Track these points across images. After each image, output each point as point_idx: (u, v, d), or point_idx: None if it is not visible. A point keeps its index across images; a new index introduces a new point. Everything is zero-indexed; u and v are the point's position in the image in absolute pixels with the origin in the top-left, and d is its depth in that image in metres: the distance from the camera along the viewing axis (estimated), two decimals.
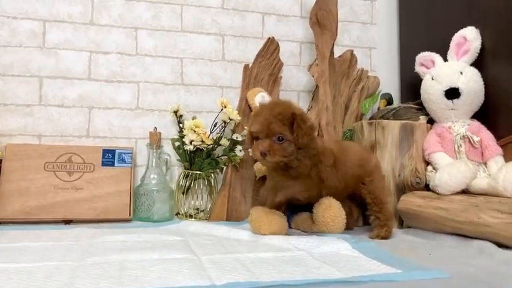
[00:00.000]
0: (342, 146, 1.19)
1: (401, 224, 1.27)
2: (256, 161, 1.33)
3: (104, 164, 1.34)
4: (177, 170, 1.46)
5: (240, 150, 1.35)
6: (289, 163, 1.03)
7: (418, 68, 1.38)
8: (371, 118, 1.44)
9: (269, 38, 1.51)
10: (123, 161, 1.36)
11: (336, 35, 1.45)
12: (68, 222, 1.25)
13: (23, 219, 1.22)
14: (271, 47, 1.50)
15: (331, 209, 1.12)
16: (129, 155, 1.37)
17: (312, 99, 1.52)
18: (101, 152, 1.35)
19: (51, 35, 1.39)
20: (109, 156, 1.35)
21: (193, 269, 0.77)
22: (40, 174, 1.29)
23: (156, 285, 0.68)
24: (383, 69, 1.65)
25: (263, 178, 1.30)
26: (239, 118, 1.38)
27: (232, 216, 1.35)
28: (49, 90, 1.38)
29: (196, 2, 1.50)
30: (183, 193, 1.38)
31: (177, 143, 1.40)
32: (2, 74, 1.35)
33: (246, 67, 1.49)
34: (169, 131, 1.45)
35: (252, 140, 1.05)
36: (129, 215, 1.31)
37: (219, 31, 1.52)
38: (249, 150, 1.09)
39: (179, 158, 1.41)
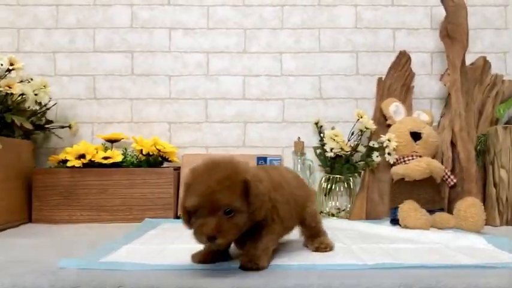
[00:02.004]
0: (273, 173, 0.91)
1: None
2: (392, 165, 1.47)
3: None
4: (318, 174, 1.65)
5: (377, 156, 1.49)
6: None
7: None
8: (506, 123, 1.48)
9: (400, 51, 1.63)
10: None
11: (467, 45, 1.52)
12: None
13: None
14: (402, 60, 1.62)
15: (474, 207, 1.22)
16: (278, 161, 1.61)
17: (445, 106, 1.60)
18: (255, 159, 1.61)
19: (213, 64, 1.69)
20: (262, 163, 1.60)
21: (347, 253, 0.95)
22: None
23: (321, 263, 0.87)
24: None
25: (399, 181, 1.42)
26: (374, 127, 1.53)
27: (371, 216, 1.50)
28: (212, 110, 1.68)
29: (332, 24, 1.69)
30: (325, 195, 1.57)
31: (318, 151, 1.60)
32: (177, 98, 1.68)
33: (379, 80, 1.63)
34: (311, 140, 1.65)
35: (189, 218, 0.79)
36: None
37: (353, 48, 1.69)
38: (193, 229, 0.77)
39: (320, 163, 1.61)
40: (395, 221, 1.35)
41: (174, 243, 1.08)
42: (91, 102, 1.66)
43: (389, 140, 1.46)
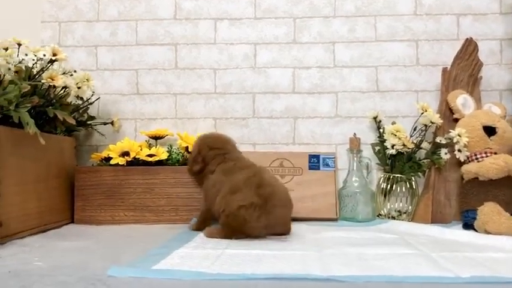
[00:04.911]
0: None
1: None
2: (463, 163, 1.33)
3: (310, 167, 1.48)
4: (376, 174, 1.52)
5: (446, 153, 1.35)
6: None
7: None
8: None
9: (467, 38, 1.49)
10: (327, 165, 1.48)
11: None
12: None
13: None
14: (469, 48, 1.47)
15: None
16: (332, 159, 1.49)
17: None
18: (307, 157, 1.49)
19: (261, 56, 1.59)
20: (314, 161, 1.49)
21: (430, 262, 0.83)
22: None
23: (402, 274, 0.76)
24: None
25: (471, 180, 1.28)
26: (441, 121, 1.39)
27: (437, 219, 1.36)
28: (260, 104, 1.58)
29: (389, 11, 1.56)
30: (384, 195, 1.44)
31: (377, 148, 1.47)
32: (223, 93, 1.59)
33: (444, 70, 1.49)
34: (367, 136, 1.53)
35: None
36: (336, 214, 1.42)
37: (413, 37, 1.55)
38: None
39: (379, 161, 1.48)
40: (468, 226, 1.22)
41: (229, 247, 0.98)
42: (134, 97, 1.59)
43: (459, 136, 1.32)
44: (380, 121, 1.47)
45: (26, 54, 1.15)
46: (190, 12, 1.59)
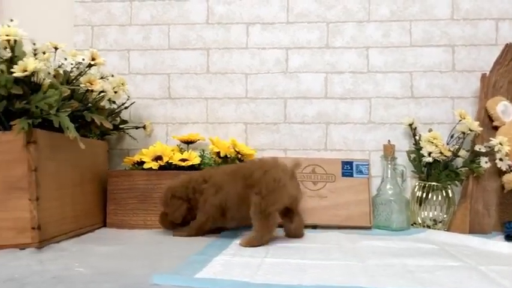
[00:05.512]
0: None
1: None
2: (504, 172, 1.29)
3: (343, 174, 1.46)
4: (410, 181, 1.49)
5: (486, 162, 1.31)
6: None
7: None
8: None
9: (507, 44, 1.45)
10: (360, 172, 1.46)
11: None
12: (314, 227, 1.39)
13: (279, 223, 1.40)
14: (509, 54, 1.43)
15: None
16: (366, 166, 1.46)
17: None
18: (340, 164, 1.47)
19: (293, 61, 1.57)
20: (348, 168, 1.46)
21: (481, 276, 0.80)
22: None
23: None
24: None
25: None
26: (480, 129, 1.35)
27: (475, 229, 1.32)
28: (291, 110, 1.56)
29: (425, 16, 1.53)
30: (419, 204, 1.41)
31: (412, 155, 1.44)
32: (254, 98, 1.57)
33: (483, 76, 1.45)
34: (401, 143, 1.50)
35: None
36: (370, 222, 1.39)
37: (449, 42, 1.52)
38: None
39: (414, 169, 1.44)
40: (510, 238, 1.18)
41: (268, 255, 0.97)
42: (165, 101, 1.59)
43: (501, 144, 1.28)
44: (415, 128, 1.44)
45: (66, 59, 1.15)
46: (223, 16, 1.58)
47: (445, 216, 1.39)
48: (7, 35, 0.97)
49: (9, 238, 0.99)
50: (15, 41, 1.00)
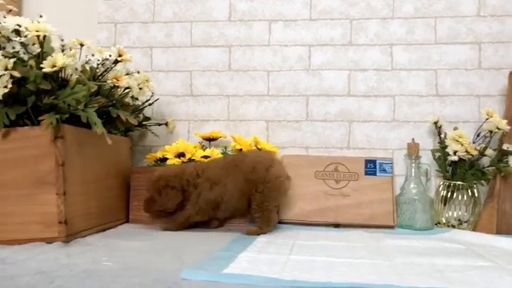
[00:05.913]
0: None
1: None
2: None
3: (366, 173, 1.44)
4: (434, 180, 1.47)
5: None
6: None
7: None
8: None
9: None
10: (384, 170, 1.44)
11: None
12: (337, 225, 1.38)
13: (301, 220, 1.39)
14: None
15: None
16: (390, 165, 1.44)
17: None
18: (363, 162, 1.46)
19: (315, 58, 1.56)
20: (371, 166, 1.45)
21: None
22: (312, 181, 1.45)
23: None
24: None
25: None
26: (508, 127, 1.33)
27: (502, 229, 1.30)
28: (314, 107, 1.55)
29: (450, 12, 1.50)
30: (444, 203, 1.39)
31: (437, 154, 1.42)
32: (276, 95, 1.57)
33: (511, 74, 1.42)
34: (425, 142, 1.48)
35: None
36: (393, 221, 1.37)
37: (475, 39, 1.49)
38: None
39: (438, 168, 1.42)
40: None
41: (292, 252, 0.97)
42: (187, 99, 1.59)
43: None
44: (440, 126, 1.42)
45: (93, 55, 1.16)
46: (245, 13, 1.58)
47: (470, 216, 1.37)
48: (37, 31, 0.98)
49: (36, 232, 1.00)
50: (44, 36, 1.00)
